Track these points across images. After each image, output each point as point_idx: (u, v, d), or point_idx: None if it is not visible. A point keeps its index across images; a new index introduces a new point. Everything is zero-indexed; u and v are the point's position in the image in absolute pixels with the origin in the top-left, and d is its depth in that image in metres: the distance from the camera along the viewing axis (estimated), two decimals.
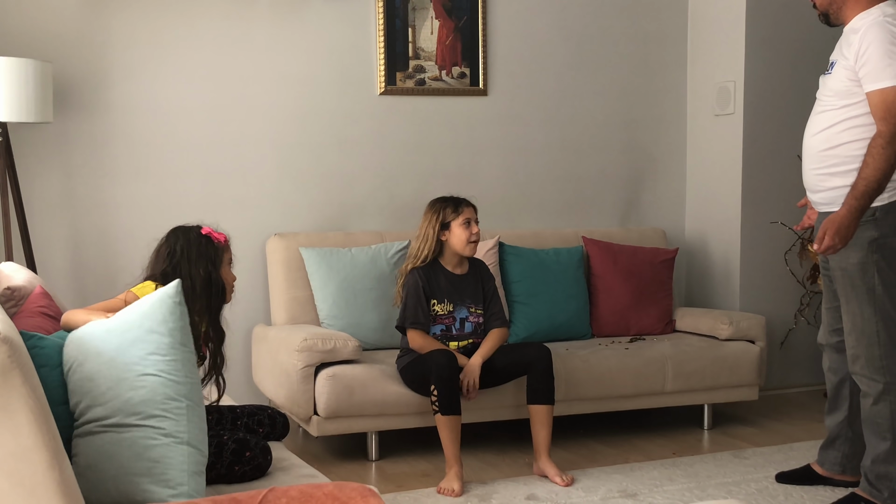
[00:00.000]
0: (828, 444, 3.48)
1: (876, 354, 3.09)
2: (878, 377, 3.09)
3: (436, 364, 3.47)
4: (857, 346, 3.13)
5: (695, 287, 5.22)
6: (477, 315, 3.77)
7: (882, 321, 3.08)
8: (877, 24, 2.99)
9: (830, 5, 3.18)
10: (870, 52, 2.98)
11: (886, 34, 2.96)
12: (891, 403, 3.09)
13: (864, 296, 3.09)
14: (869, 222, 3.06)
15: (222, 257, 2.69)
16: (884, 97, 2.96)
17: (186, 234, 2.65)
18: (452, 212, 3.69)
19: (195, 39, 4.30)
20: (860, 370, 3.13)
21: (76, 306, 3.99)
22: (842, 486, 3.43)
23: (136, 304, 1.98)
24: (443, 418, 3.47)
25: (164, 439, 1.87)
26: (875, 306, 3.08)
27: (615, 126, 5.11)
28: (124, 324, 1.94)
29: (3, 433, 1.56)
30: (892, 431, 3.11)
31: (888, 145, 2.96)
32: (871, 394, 3.11)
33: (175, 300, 1.94)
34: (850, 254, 3.09)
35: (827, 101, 3.15)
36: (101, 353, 1.90)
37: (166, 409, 1.89)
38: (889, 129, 2.96)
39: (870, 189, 3.00)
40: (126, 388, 1.87)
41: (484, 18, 4.75)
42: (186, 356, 1.95)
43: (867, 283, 3.08)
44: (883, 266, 3.07)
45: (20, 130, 4.02)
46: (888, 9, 3.05)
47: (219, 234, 2.69)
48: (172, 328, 1.92)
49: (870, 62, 2.98)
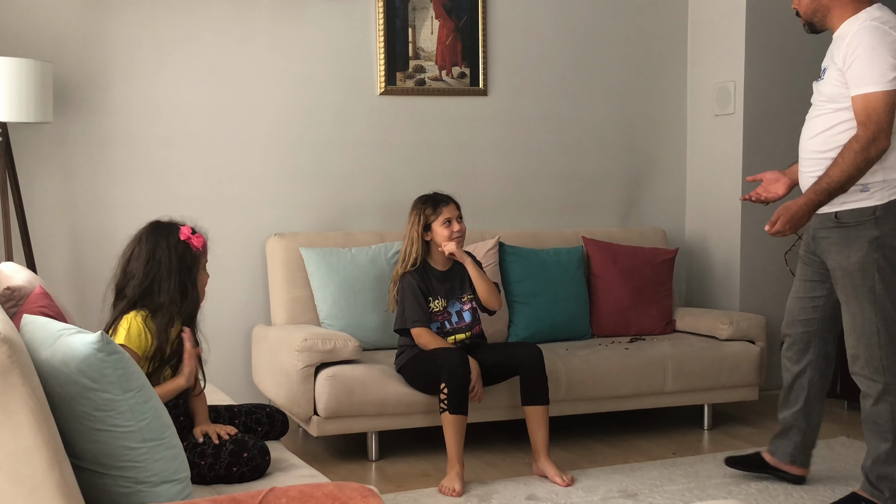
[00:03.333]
0: (781, 434, 3.50)
1: (876, 355, 3.08)
2: (878, 377, 3.09)
3: (448, 363, 3.47)
4: (857, 346, 3.12)
5: (695, 287, 5.22)
6: (470, 301, 3.77)
7: (882, 321, 3.07)
8: (864, 28, 2.99)
9: (815, 13, 3.17)
10: (856, 55, 2.98)
11: (874, 38, 2.96)
12: (891, 404, 3.09)
13: (864, 295, 3.08)
14: (870, 221, 3.05)
15: (199, 265, 2.60)
16: (866, 102, 2.97)
17: (167, 238, 2.55)
18: (432, 213, 3.69)
19: (195, 39, 4.30)
20: (860, 370, 3.13)
21: (76, 306, 4.01)
22: (788, 478, 3.46)
23: (64, 355, 1.78)
24: (450, 417, 3.46)
25: (137, 486, 1.83)
26: (875, 306, 3.07)
27: (615, 126, 5.10)
28: (60, 376, 1.77)
29: (3, 433, 1.56)
30: (893, 432, 3.10)
31: (862, 150, 2.97)
32: (871, 394, 3.11)
33: (103, 354, 1.77)
34: (850, 253, 3.09)
35: (821, 105, 3.15)
36: (51, 402, 1.77)
37: (129, 460, 1.82)
38: (867, 134, 2.97)
39: (832, 188, 3.03)
40: (84, 440, 1.80)
41: (484, 18, 4.75)
42: (136, 398, 1.82)
43: (867, 283, 3.07)
44: (883, 265, 3.06)
45: (20, 130, 4.02)
46: (875, 12, 3.04)
47: (197, 237, 2.59)
48: (110, 382, 1.78)
49: (855, 66, 2.98)
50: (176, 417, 2.48)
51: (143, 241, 2.57)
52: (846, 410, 4.73)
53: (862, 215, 3.06)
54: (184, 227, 2.59)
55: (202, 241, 2.60)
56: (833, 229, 3.14)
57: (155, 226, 2.60)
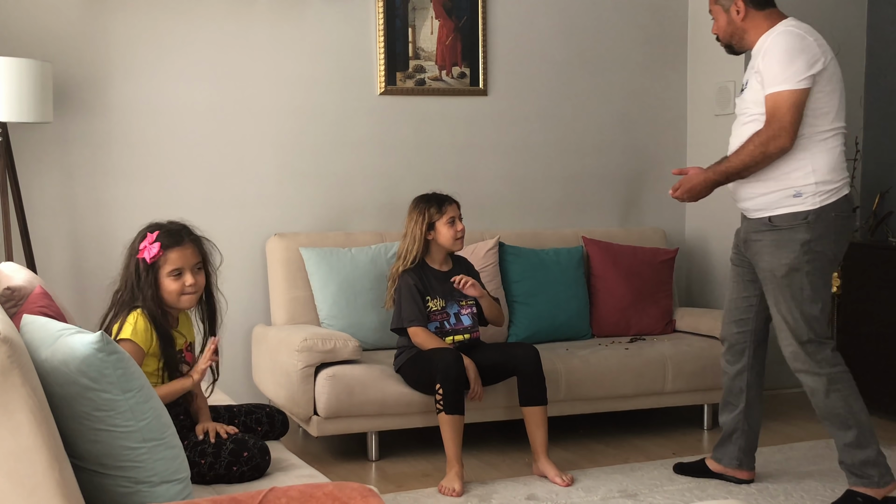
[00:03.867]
0: (724, 440, 3.53)
1: (810, 351, 3.17)
2: (819, 370, 3.17)
3: (443, 363, 3.47)
4: (791, 346, 3.20)
5: (695, 287, 5.22)
6: (469, 306, 3.78)
7: (812, 320, 3.16)
8: (780, 34, 3.12)
9: (732, 36, 3.30)
10: (771, 55, 3.09)
11: (788, 41, 3.08)
12: (840, 392, 3.16)
13: (793, 298, 3.16)
14: (802, 225, 3.13)
15: (159, 276, 2.56)
16: (774, 100, 3.07)
17: (135, 247, 2.58)
18: (437, 212, 3.71)
19: (195, 39, 4.30)
20: (801, 367, 3.20)
21: (76, 306, 4.00)
22: (735, 481, 3.49)
23: (64, 355, 1.77)
24: (447, 417, 3.47)
25: (137, 486, 1.83)
26: (804, 307, 3.15)
27: (615, 126, 5.10)
28: (60, 376, 1.77)
29: (3, 433, 1.56)
30: (854, 417, 3.17)
31: (761, 145, 3.09)
32: (819, 389, 3.18)
33: (103, 354, 1.77)
34: (781, 255, 3.16)
35: (747, 113, 3.23)
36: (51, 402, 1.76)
37: (129, 459, 1.82)
38: (768, 131, 3.08)
39: (730, 173, 3.20)
40: (83, 440, 1.80)
41: (484, 18, 4.75)
42: (135, 398, 1.82)
43: (797, 285, 3.15)
44: (811, 269, 3.14)
45: (20, 130, 4.02)
46: (790, 22, 3.18)
47: (148, 247, 2.55)
48: (110, 382, 1.78)
49: (770, 67, 3.09)
50: (176, 416, 2.48)
51: (128, 249, 2.62)
52: None
53: (794, 219, 3.14)
54: (149, 235, 2.57)
55: (153, 251, 2.54)
56: (766, 232, 3.22)
57: (139, 233, 2.62)
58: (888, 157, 5.04)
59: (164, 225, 2.61)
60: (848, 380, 3.18)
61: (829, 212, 3.13)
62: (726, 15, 3.27)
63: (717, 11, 3.31)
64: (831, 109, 3.12)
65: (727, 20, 3.27)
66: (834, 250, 3.17)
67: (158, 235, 2.56)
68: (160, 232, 2.57)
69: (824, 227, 3.13)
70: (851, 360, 4.61)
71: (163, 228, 2.59)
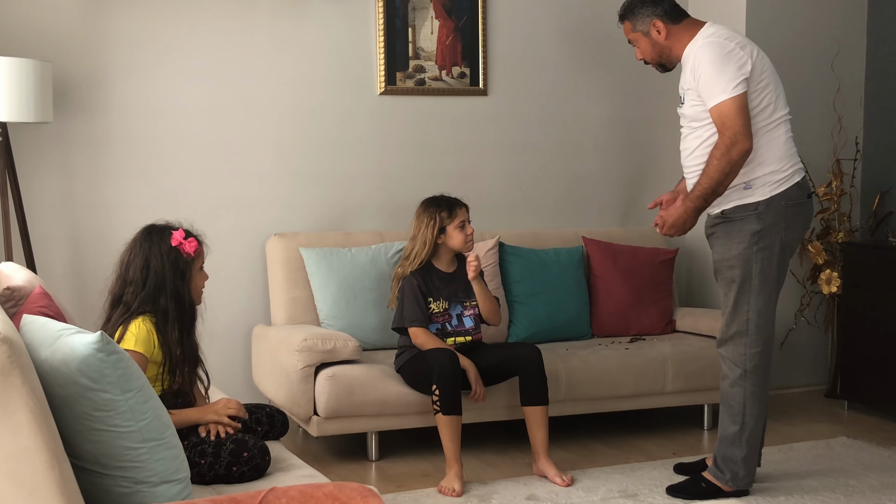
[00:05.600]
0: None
1: (741, 342, 3.25)
2: (740, 364, 3.26)
3: (438, 363, 3.47)
4: (727, 331, 3.29)
5: (695, 287, 5.22)
6: (472, 307, 3.78)
7: (755, 312, 3.24)
8: (702, 47, 3.22)
9: (660, 56, 3.42)
10: (700, 72, 3.18)
11: (711, 53, 3.18)
12: (744, 389, 3.26)
13: (741, 286, 3.24)
14: (752, 216, 3.23)
15: (192, 270, 2.58)
16: (718, 111, 3.15)
17: (159, 244, 2.54)
18: (448, 216, 3.72)
19: (195, 39, 4.30)
20: (726, 353, 3.30)
21: (76, 306, 4.00)
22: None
23: (64, 355, 1.77)
24: (444, 418, 3.47)
25: (137, 486, 1.83)
26: (750, 297, 3.23)
27: (615, 126, 5.11)
28: (60, 376, 1.77)
29: (3, 433, 1.56)
30: (742, 416, 3.27)
31: (723, 156, 3.14)
32: (730, 376, 3.30)
33: (102, 354, 1.77)
34: (732, 245, 3.26)
35: (689, 126, 3.34)
36: (51, 402, 1.77)
37: (129, 459, 1.82)
38: (724, 140, 3.14)
39: (706, 194, 3.23)
40: (83, 440, 1.80)
41: (484, 18, 4.75)
42: (135, 398, 1.82)
43: (746, 274, 3.23)
44: (761, 258, 3.23)
45: (20, 130, 4.02)
46: (708, 30, 3.28)
47: (190, 241, 2.57)
48: (109, 383, 1.78)
49: (702, 83, 3.18)
50: None
51: (137, 248, 2.57)
52: (846, 410, 4.72)
53: (745, 210, 3.24)
54: (176, 232, 2.57)
55: (194, 245, 2.58)
56: (719, 224, 3.33)
57: (148, 231, 2.60)
58: (888, 157, 5.04)
59: (173, 224, 2.62)
60: (760, 383, 3.27)
61: (778, 201, 3.22)
62: (647, 38, 3.39)
63: (636, 38, 3.43)
64: (770, 101, 3.22)
65: (650, 43, 3.39)
66: (785, 239, 3.24)
67: (186, 232, 2.58)
68: (183, 229, 2.59)
69: (774, 217, 3.21)
70: (851, 360, 4.64)
71: (178, 227, 2.60)
